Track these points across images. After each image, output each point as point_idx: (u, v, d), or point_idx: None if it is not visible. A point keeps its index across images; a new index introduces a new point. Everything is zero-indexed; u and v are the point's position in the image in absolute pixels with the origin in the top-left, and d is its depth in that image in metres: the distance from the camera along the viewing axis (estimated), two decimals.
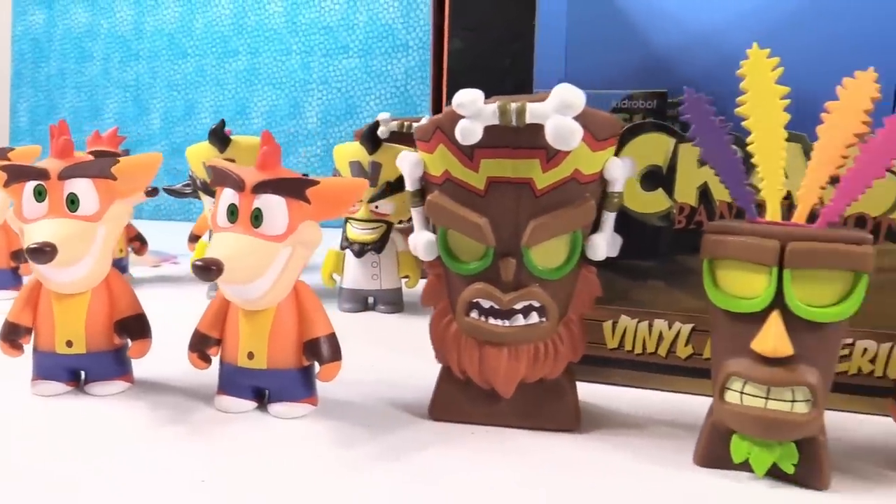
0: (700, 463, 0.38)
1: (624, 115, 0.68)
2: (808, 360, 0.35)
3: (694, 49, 0.62)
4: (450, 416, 0.42)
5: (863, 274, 0.34)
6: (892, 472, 0.38)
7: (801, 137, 0.42)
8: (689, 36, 0.65)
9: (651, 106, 0.68)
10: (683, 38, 0.68)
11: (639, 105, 0.68)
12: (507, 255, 0.39)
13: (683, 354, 0.46)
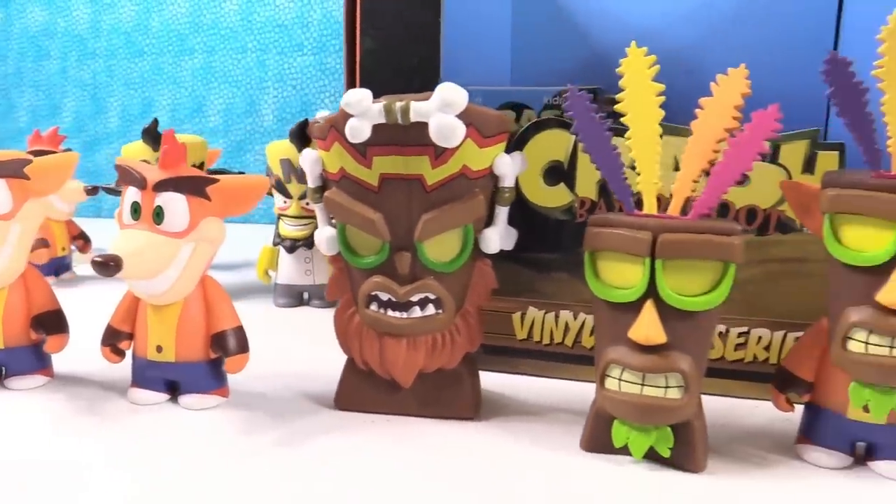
0: (586, 448, 0.39)
1: (556, 111, 0.69)
2: (681, 347, 0.36)
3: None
4: (354, 405, 0.44)
5: (731, 263, 0.35)
6: (773, 455, 0.39)
7: None
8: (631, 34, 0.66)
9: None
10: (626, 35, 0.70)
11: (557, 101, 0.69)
12: (402, 249, 0.40)
13: (588, 344, 0.48)
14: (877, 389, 0.35)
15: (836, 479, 0.37)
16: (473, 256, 0.41)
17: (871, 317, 0.34)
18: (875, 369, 0.34)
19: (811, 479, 0.37)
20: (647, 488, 0.36)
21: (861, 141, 0.35)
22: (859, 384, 0.35)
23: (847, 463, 0.38)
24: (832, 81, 0.35)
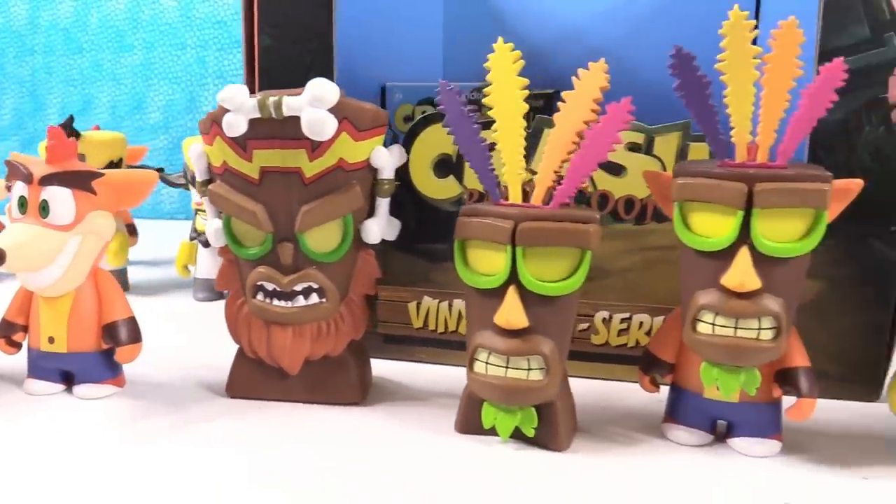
0: (459, 430, 0.41)
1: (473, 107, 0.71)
2: (543, 331, 0.38)
3: (564, 43, 0.65)
4: (245, 393, 0.45)
5: (587, 251, 0.37)
6: (640, 435, 0.41)
7: None
8: (560, 30, 0.67)
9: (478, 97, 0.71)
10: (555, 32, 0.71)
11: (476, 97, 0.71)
12: (284, 241, 0.42)
13: None
14: (724, 369, 0.37)
15: (694, 455, 0.39)
16: (356, 247, 0.43)
17: (716, 300, 0.36)
18: (721, 350, 0.36)
19: (669, 455, 0.39)
20: (511, 467, 0.37)
21: (707, 132, 0.37)
22: (709, 364, 0.37)
23: (707, 440, 0.40)
24: (678, 75, 0.36)
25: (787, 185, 0.35)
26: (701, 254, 0.37)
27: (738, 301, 0.35)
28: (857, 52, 0.42)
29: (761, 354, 0.36)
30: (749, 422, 0.39)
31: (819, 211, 0.35)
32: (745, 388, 0.37)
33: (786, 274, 0.36)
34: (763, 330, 0.36)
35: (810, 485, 0.36)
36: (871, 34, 0.42)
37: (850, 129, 0.43)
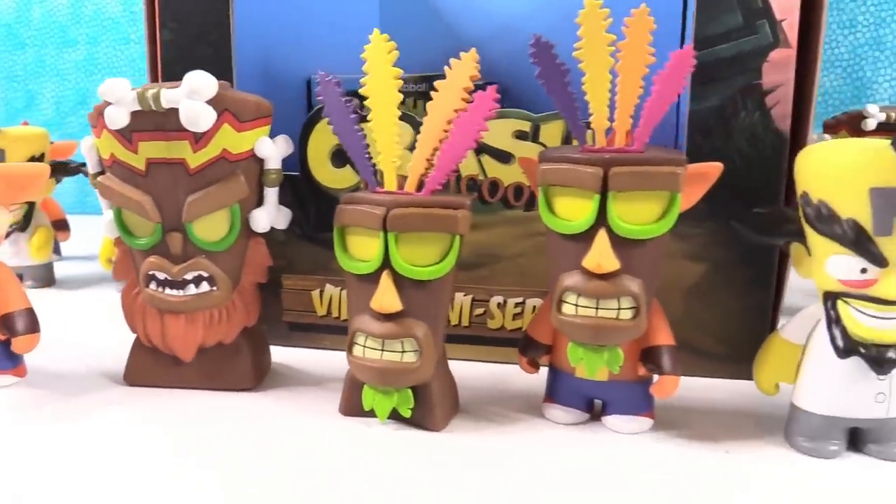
0: (343, 412, 0.42)
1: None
2: (417, 314, 0.39)
3: (501, 35, 0.66)
4: (143, 380, 0.46)
5: (456, 235, 0.38)
6: (521, 415, 0.42)
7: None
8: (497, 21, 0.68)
9: (422, 88, 0.72)
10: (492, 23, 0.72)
11: (410, 88, 0.72)
12: (173, 230, 0.42)
13: None
14: (588, 348, 0.38)
15: (568, 433, 0.40)
16: (245, 235, 0.44)
17: (578, 281, 0.37)
18: (584, 329, 0.37)
19: (544, 433, 0.40)
20: (387, 447, 0.38)
21: (568, 118, 0.38)
22: (575, 344, 0.38)
23: (583, 419, 0.41)
24: (538, 63, 0.37)
25: (640, 168, 0.36)
26: (564, 237, 0.38)
27: (598, 282, 0.37)
28: (730, 40, 0.43)
29: (621, 333, 0.37)
30: (620, 400, 0.40)
31: (673, 193, 0.36)
32: (609, 366, 0.38)
33: (643, 255, 0.37)
34: (622, 310, 0.37)
35: (673, 459, 0.37)
36: (744, 22, 0.43)
37: (726, 115, 0.44)
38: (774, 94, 0.44)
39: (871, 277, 0.34)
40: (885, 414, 0.36)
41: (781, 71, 0.43)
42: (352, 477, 0.35)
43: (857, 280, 0.35)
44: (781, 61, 0.43)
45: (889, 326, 0.34)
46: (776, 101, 0.44)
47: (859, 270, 0.34)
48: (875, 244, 0.34)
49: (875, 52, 0.90)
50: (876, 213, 0.33)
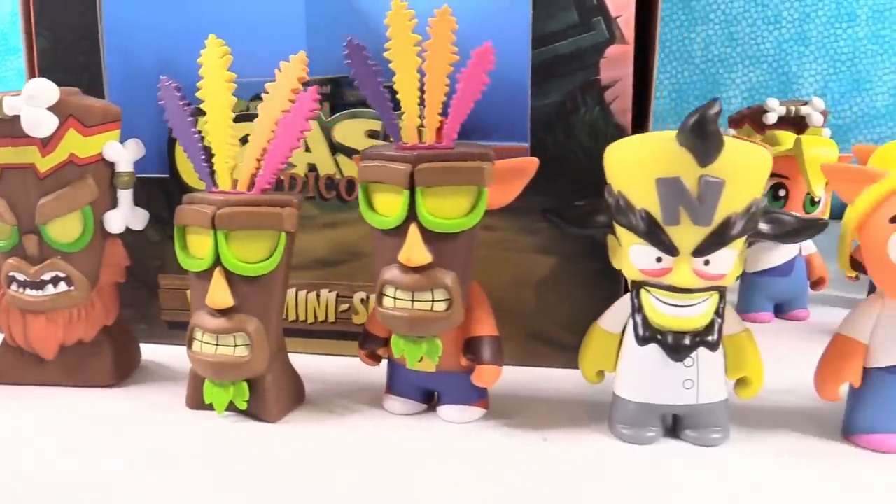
0: (190, 406, 0.43)
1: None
2: (248, 310, 0.40)
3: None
4: (10, 378, 0.47)
5: (282, 232, 0.39)
6: (364, 407, 0.43)
7: None
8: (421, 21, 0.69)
9: (327, 91, 0.73)
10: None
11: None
12: (28, 233, 0.44)
13: None
14: (408, 340, 0.39)
15: (403, 423, 0.41)
16: (101, 236, 0.45)
17: (395, 275, 0.38)
18: (401, 321, 0.38)
19: (376, 423, 0.41)
20: (224, 438, 0.40)
21: (382, 117, 0.39)
22: (397, 336, 0.39)
23: (419, 409, 0.42)
24: (351, 65, 0.38)
25: (445, 164, 0.37)
26: (383, 232, 0.39)
27: (413, 275, 0.38)
28: (567, 37, 0.44)
29: (436, 324, 0.38)
30: (451, 390, 0.41)
31: (480, 188, 0.37)
32: (428, 357, 0.39)
33: (455, 248, 0.38)
34: (436, 301, 0.38)
35: (490, 447, 0.38)
36: (580, 19, 0.44)
37: (567, 111, 0.45)
38: (613, 89, 0.44)
39: (666, 266, 0.35)
40: (694, 400, 0.37)
41: (619, 66, 0.44)
42: (180, 466, 0.36)
43: (654, 269, 0.35)
44: (618, 57, 0.44)
45: (685, 314, 0.35)
46: (615, 96, 0.45)
47: (655, 259, 0.35)
48: (666, 234, 0.35)
49: (800, 47, 0.90)
50: (663, 203, 0.34)
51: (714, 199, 0.33)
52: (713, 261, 0.35)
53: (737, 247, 0.35)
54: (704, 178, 0.33)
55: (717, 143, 0.33)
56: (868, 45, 0.89)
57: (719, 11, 0.90)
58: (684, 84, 0.92)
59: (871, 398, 0.37)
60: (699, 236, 0.34)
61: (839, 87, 0.90)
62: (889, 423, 0.37)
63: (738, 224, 0.34)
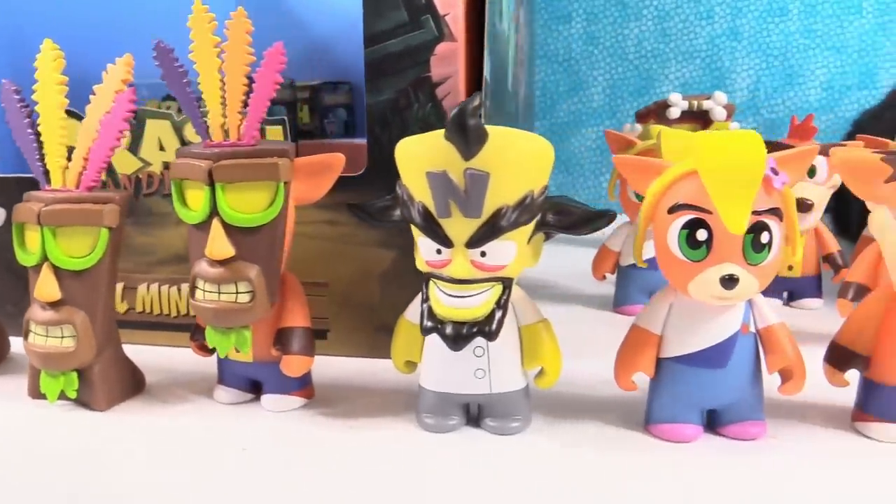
0: (31, 395, 0.44)
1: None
2: (75, 303, 0.41)
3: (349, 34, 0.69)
4: None
5: (103, 228, 0.41)
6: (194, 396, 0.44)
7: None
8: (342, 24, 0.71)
9: None
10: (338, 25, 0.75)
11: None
12: None
13: (121, 309, 0.53)
14: (218, 331, 0.40)
15: (227, 411, 0.42)
16: None
17: (203, 268, 0.39)
18: (210, 313, 0.40)
19: (201, 411, 0.42)
20: (55, 425, 0.41)
21: (190, 116, 0.40)
22: (210, 327, 0.41)
23: (244, 398, 0.43)
24: (160, 66, 0.40)
25: (241, 161, 0.38)
26: (194, 227, 0.40)
27: (218, 269, 0.39)
28: (398, 36, 0.45)
29: (240, 316, 0.39)
30: (271, 380, 0.42)
31: (278, 183, 0.38)
32: (238, 347, 0.40)
33: (257, 242, 0.39)
34: (240, 294, 0.39)
35: (298, 433, 0.39)
36: (409, 18, 0.45)
37: (401, 107, 0.46)
38: (444, 85, 0.45)
39: (446, 258, 0.36)
40: (488, 390, 0.38)
41: (448, 63, 0.45)
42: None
43: (436, 260, 0.36)
44: (447, 54, 0.45)
45: (463, 304, 0.36)
46: (446, 93, 0.45)
47: (435, 251, 0.36)
48: (440, 226, 0.35)
49: (733, 42, 0.90)
50: (434, 197, 0.35)
51: (480, 192, 0.34)
52: (489, 252, 0.35)
53: (515, 238, 0.36)
54: (469, 172, 0.34)
55: (478, 137, 0.34)
56: (800, 40, 0.88)
57: (652, 7, 0.90)
58: (618, 80, 0.93)
59: (663, 388, 0.38)
60: (471, 228, 0.35)
61: (772, 81, 0.90)
62: (680, 413, 0.38)
63: (509, 216, 0.35)
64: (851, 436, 0.38)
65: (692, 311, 0.37)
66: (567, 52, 0.92)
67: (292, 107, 0.78)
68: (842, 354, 0.38)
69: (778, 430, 0.38)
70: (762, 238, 0.34)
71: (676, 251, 0.35)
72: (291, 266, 0.48)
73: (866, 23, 0.87)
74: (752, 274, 0.34)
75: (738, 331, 0.36)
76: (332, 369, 0.48)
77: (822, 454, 0.36)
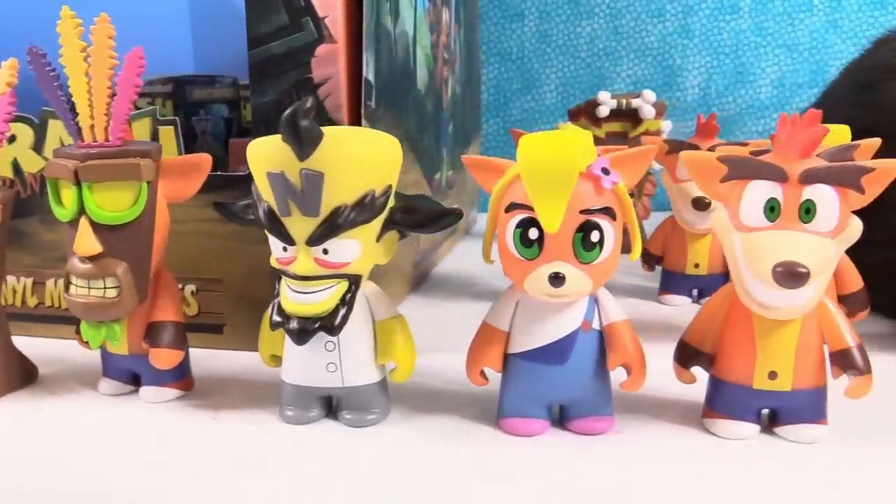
0: None
1: (148, 99, 0.76)
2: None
3: None
4: None
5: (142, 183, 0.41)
6: (81, 388, 0.46)
7: None
8: None
9: (168, 89, 0.76)
10: None
11: (157, 89, 0.76)
12: None
13: (32, 304, 0.55)
14: (90, 325, 0.42)
15: (107, 402, 0.44)
16: None
17: (74, 264, 0.41)
18: (81, 307, 0.41)
19: (83, 403, 0.44)
20: None
21: (62, 118, 0.42)
22: (83, 322, 0.42)
23: (125, 390, 0.45)
24: (34, 71, 0.41)
25: (105, 161, 0.39)
26: (68, 224, 0.42)
27: (87, 265, 0.40)
28: (280, 38, 0.46)
29: (108, 310, 0.41)
30: (147, 371, 0.43)
31: (140, 183, 0.40)
32: (108, 339, 0.42)
33: (124, 239, 0.40)
34: (108, 289, 0.40)
35: (165, 423, 0.41)
36: (290, 20, 0.46)
37: (284, 108, 0.46)
38: (325, 86, 0.46)
39: (291, 255, 0.37)
40: (340, 383, 0.39)
41: (329, 64, 0.46)
42: None
43: (283, 258, 0.37)
44: (327, 55, 0.46)
45: (307, 300, 0.37)
46: (328, 93, 0.46)
47: (282, 249, 0.37)
48: (283, 225, 0.37)
49: (684, 40, 0.90)
50: (275, 196, 0.36)
51: (316, 191, 0.35)
52: (332, 250, 0.37)
53: (358, 236, 0.37)
54: (304, 172, 0.35)
55: (311, 138, 0.35)
56: (751, 38, 0.88)
57: (604, 5, 0.91)
58: (571, 78, 0.93)
59: (510, 383, 0.39)
60: (310, 226, 0.36)
61: (723, 79, 0.89)
62: (527, 408, 0.39)
63: (348, 214, 0.36)
64: (697, 432, 0.39)
65: (535, 308, 0.38)
66: (520, 50, 0.92)
67: (236, 105, 0.80)
68: (687, 352, 0.39)
69: (628, 426, 0.39)
70: (592, 237, 0.35)
71: (513, 249, 0.36)
72: (186, 263, 0.50)
73: (817, 20, 0.87)
74: (585, 272, 0.35)
75: (578, 328, 0.37)
76: (224, 363, 0.49)
77: (660, 449, 0.37)
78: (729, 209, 0.36)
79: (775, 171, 0.35)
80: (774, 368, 0.36)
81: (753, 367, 0.37)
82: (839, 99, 0.64)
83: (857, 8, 0.85)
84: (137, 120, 0.50)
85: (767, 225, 0.35)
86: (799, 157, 0.35)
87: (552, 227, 0.34)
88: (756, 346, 0.36)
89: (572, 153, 0.33)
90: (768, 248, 0.34)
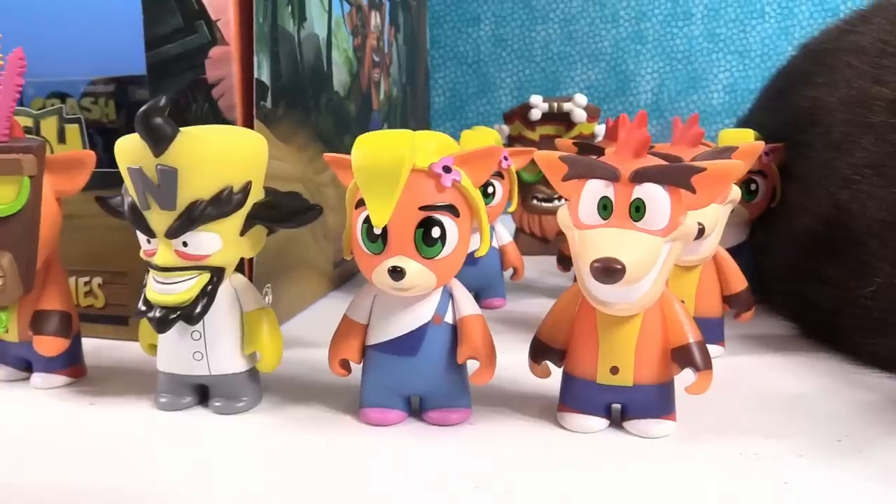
0: None
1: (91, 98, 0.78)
2: None
3: None
4: None
5: None
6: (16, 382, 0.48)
7: None
8: None
9: (111, 89, 0.78)
10: None
11: (101, 89, 0.78)
12: None
13: None
14: None
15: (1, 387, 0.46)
16: None
17: None
18: None
19: None
20: None
21: None
22: None
23: (20, 376, 0.46)
24: None
25: None
26: None
27: None
28: (175, 40, 0.48)
29: None
30: (37, 358, 0.45)
31: (21, 178, 0.42)
32: None
33: (9, 231, 0.42)
34: None
35: (43, 409, 0.42)
36: (184, 23, 0.48)
37: (181, 108, 0.49)
38: (219, 87, 0.48)
39: (153, 248, 0.39)
40: (207, 371, 0.41)
41: (222, 66, 0.48)
42: None
43: (147, 250, 0.39)
44: (220, 57, 0.48)
45: (168, 290, 0.39)
46: (221, 94, 0.48)
47: (146, 241, 0.39)
48: (144, 218, 0.38)
49: (637, 46, 0.90)
50: (135, 190, 0.38)
51: (171, 186, 0.37)
52: (191, 242, 0.38)
53: (218, 229, 0.38)
54: (159, 167, 0.37)
55: (163, 135, 0.36)
56: (703, 44, 0.89)
57: (559, 10, 0.91)
58: (526, 82, 0.94)
59: (368, 374, 0.40)
60: (168, 220, 0.38)
61: (675, 84, 0.90)
62: (384, 399, 0.40)
63: (204, 209, 0.37)
64: (550, 426, 0.40)
65: (389, 301, 0.39)
66: (475, 54, 0.94)
67: None
68: (539, 347, 0.40)
69: (485, 419, 0.40)
70: (433, 233, 0.36)
71: (361, 244, 0.37)
72: (93, 256, 0.52)
73: (769, 27, 0.87)
74: (427, 267, 0.36)
75: (429, 321, 0.38)
76: (125, 353, 0.51)
77: (511, 439, 0.38)
78: (570, 207, 0.37)
79: (609, 170, 0.35)
80: (616, 364, 0.37)
81: (597, 362, 0.38)
82: (761, 104, 0.65)
83: (808, 15, 0.85)
84: (45, 118, 0.52)
85: (600, 223, 0.36)
86: (632, 157, 0.36)
87: (380, 223, 0.35)
88: (598, 342, 0.37)
89: (400, 150, 0.34)
90: (591, 244, 0.34)
